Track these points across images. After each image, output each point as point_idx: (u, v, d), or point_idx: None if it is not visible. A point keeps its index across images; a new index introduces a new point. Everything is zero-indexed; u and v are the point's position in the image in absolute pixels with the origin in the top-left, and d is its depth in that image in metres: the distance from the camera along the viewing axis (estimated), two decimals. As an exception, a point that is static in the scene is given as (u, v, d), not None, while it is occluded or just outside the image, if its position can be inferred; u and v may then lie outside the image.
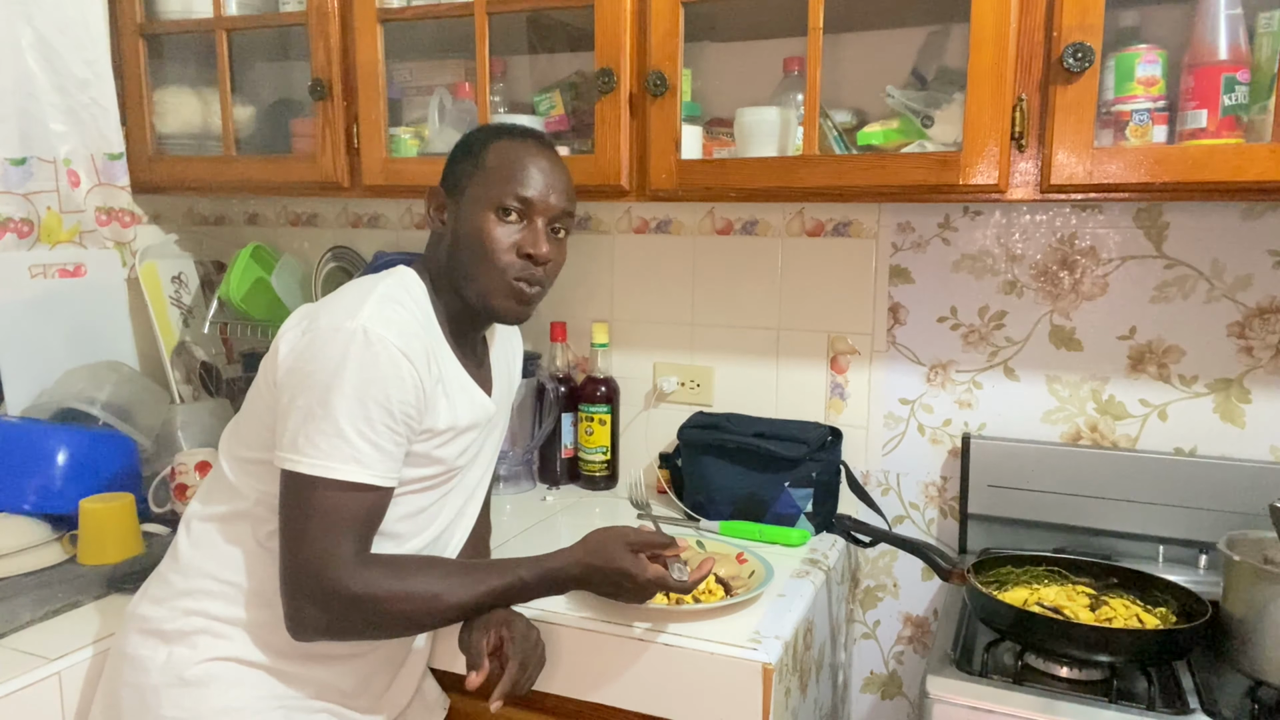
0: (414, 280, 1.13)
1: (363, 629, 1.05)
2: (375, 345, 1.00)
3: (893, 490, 1.68)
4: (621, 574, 1.08)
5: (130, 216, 1.87)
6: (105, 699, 1.12)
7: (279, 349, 1.05)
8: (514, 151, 1.13)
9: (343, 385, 0.99)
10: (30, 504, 1.44)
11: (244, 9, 1.72)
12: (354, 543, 1.01)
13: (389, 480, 1.04)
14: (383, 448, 1.01)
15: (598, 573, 1.09)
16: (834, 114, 1.48)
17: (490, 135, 1.15)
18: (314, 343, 1.01)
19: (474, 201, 1.11)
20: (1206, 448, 1.47)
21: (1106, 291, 1.50)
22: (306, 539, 1.00)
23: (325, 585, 1.00)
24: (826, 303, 1.67)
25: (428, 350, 1.06)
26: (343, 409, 0.99)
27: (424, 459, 1.09)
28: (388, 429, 1.01)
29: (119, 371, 1.75)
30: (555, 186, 1.13)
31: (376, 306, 1.03)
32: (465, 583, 1.06)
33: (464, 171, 1.13)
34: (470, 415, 1.14)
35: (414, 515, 1.13)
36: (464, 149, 1.16)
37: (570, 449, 1.82)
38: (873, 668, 1.74)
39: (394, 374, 1.01)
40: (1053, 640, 1.17)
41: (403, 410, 1.02)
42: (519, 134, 1.16)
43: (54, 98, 1.73)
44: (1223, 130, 1.17)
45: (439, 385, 1.08)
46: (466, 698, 1.33)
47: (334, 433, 0.99)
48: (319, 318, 1.03)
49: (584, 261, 1.85)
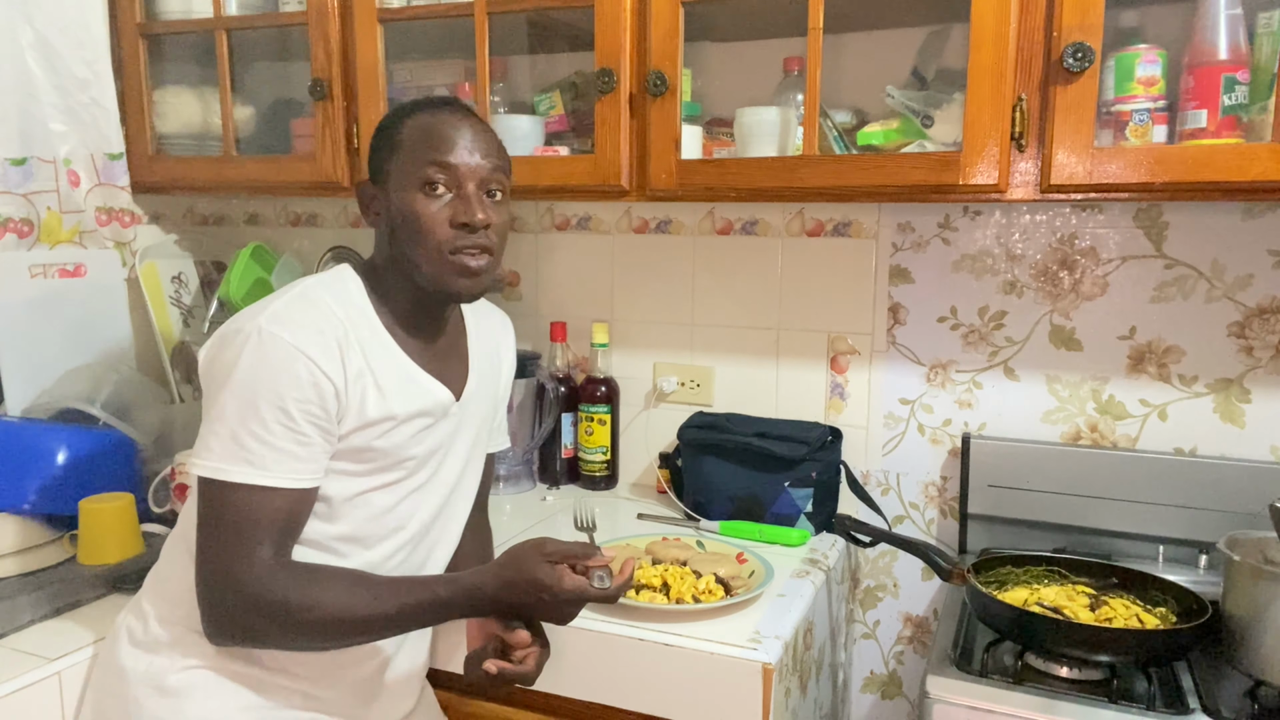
0: (349, 275, 1.11)
1: (276, 637, 1.01)
2: (268, 344, 0.98)
3: (893, 490, 1.68)
4: (537, 585, 1.00)
5: (130, 216, 1.87)
6: (91, 708, 1.12)
7: (200, 355, 1.04)
8: (428, 123, 1.07)
9: (234, 386, 0.97)
10: (30, 504, 1.44)
11: (244, 9, 1.72)
12: (266, 547, 0.98)
13: (292, 481, 1.00)
14: (280, 448, 0.98)
15: (513, 587, 1.01)
16: (834, 114, 1.48)
17: (402, 114, 1.09)
18: (218, 346, 1.01)
19: (398, 183, 1.06)
20: (1206, 448, 1.47)
21: (1106, 291, 1.50)
22: (213, 543, 0.99)
23: (232, 589, 0.98)
24: (826, 303, 1.67)
25: (343, 344, 1.02)
26: (233, 410, 0.97)
27: (366, 451, 1.06)
28: (284, 428, 0.98)
29: (119, 371, 1.75)
30: (478, 146, 1.06)
31: (281, 305, 1.02)
32: (379, 596, 1.01)
33: (384, 157, 1.09)
34: (413, 404, 1.08)
35: (379, 517, 1.09)
36: (380, 134, 1.10)
37: (570, 449, 1.82)
38: (873, 668, 1.74)
39: (286, 372, 0.98)
40: (1053, 640, 1.17)
41: (301, 408, 0.98)
42: (431, 105, 1.09)
43: (54, 98, 1.73)
44: (1223, 130, 1.17)
45: (364, 377, 1.04)
46: (466, 698, 1.33)
47: (227, 435, 0.97)
48: (231, 322, 1.03)
49: (584, 261, 1.85)
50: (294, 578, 0.99)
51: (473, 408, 1.20)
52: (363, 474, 1.07)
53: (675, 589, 1.27)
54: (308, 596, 0.98)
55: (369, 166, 1.12)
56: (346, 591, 1.00)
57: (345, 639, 1.04)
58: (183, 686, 1.05)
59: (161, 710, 1.05)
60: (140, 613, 1.10)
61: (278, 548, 1.00)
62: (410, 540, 1.14)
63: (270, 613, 0.98)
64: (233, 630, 1.01)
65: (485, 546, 1.32)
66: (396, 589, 1.03)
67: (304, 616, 0.98)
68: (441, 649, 1.29)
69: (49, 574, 1.38)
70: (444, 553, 1.21)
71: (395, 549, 1.12)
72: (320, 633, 1.01)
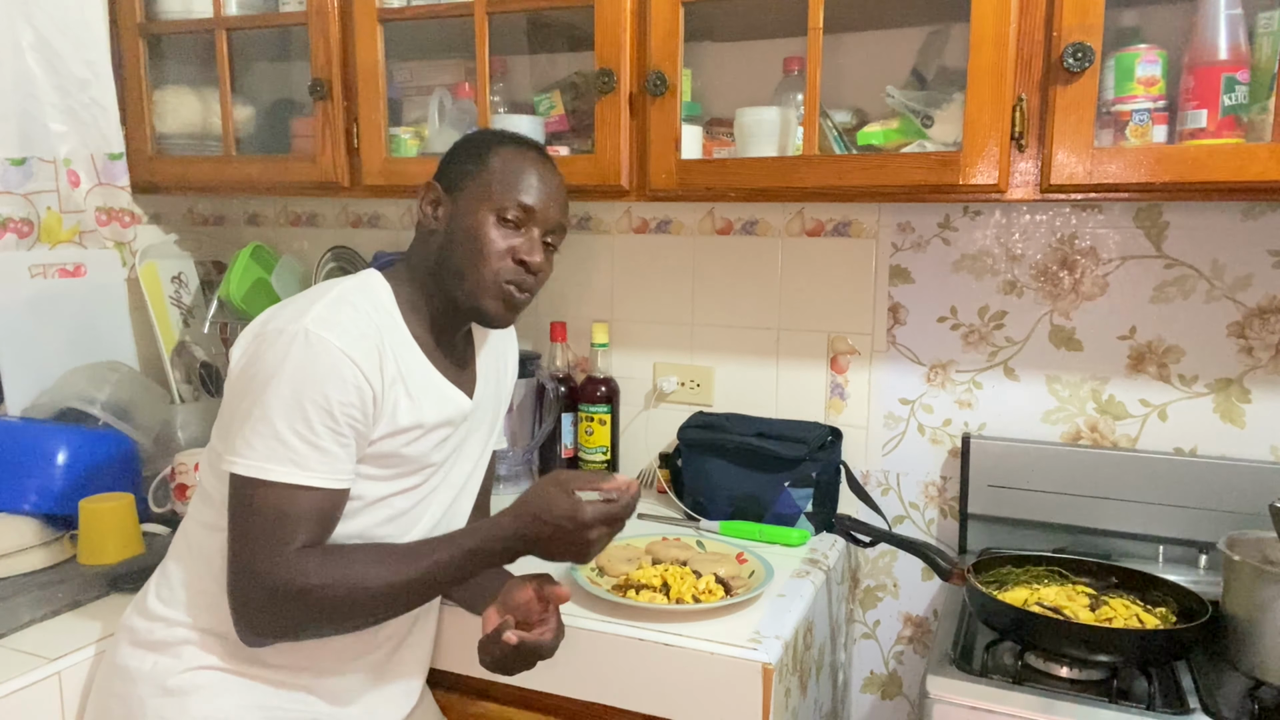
0: (379, 282, 1.13)
1: (309, 622, 1.02)
2: (315, 346, 0.99)
3: (893, 490, 1.68)
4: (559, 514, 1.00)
5: (130, 216, 1.87)
6: (95, 709, 1.12)
7: (234, 354, 1.05)
8: (519, 159, 1.13)
9: (280, 386, 0.98)
10: (30, 504, 1.44)
11: (244, 9, 1.72)
12: (298, 545, 0.99)
13: (332, 482, 1.02)
14: (323, 449, 1.00)
15: (537, 520, 1.01)
16: (834, 114, 1.48)
17: (495, 140, 1.16)
18: (260, 346, 1.01)
19: (474, 202, 1.11)
20: (1206, 448, 1.47)
21: (1106, 291, 1.50)
22: (248, 542, 0.99)
23: (268, 585, 0.98)
24: (826, 303, 1.67)
25: (381, 350, 1.04)
26: (279, 410, 0.98)
27: (392, 458, 1.08)
28: (328, 430, 1.00)
29: (119, 371, 1.75)
30: (555, 199, 1.14)
31: (324, 309, 1.03)
32: (407, 560, 1.03)
33: (465, 171, 1.13)
34: (439, 413, 1.12)
35: (395, 518, 1.12)
36: (468, 149, 1.15)
37: (570, 449, 1.82)
38: (873, 668, 1.74)
39: (333, 374, 0.99)
40: (1053, 640, 1.17)
41: (344, 411, 1.00)
42: (524, 143, 1.16)
43: (54, 98, 1.73)
44: (1223, 130, 1.17)
45: (398, 384, 1.06)
46: (466, 698, 1.33)
47: (270, 434, 0.98)
48: (269, 322, 1.03)
49: (584, 261, 1.85)
50: (320, 559, 1.00)
51: (482, 411, 1.23)
52: (386, 479, 1.09)
53: (675, 589, 1.27)
54: (337, 572, 1.00)
55: (443, 171, 1.16)
56: (375, 562, 1.02)
57: (377, 611, 1.05)
58: (188, 686, 1.05)
59: (165, 710, 1.05)
60: (144, 612, 1.11)
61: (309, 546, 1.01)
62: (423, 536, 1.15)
63: (302, 598, 0.99)
64: (269, 625, 1.02)
65: None
66: (423, 550, 1.04)
67: (330, 594, 0.99)
68: (442, 649, 1.29)
69: (49, 574, 1.38)
70: None
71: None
72: (351, 608, 1.02)
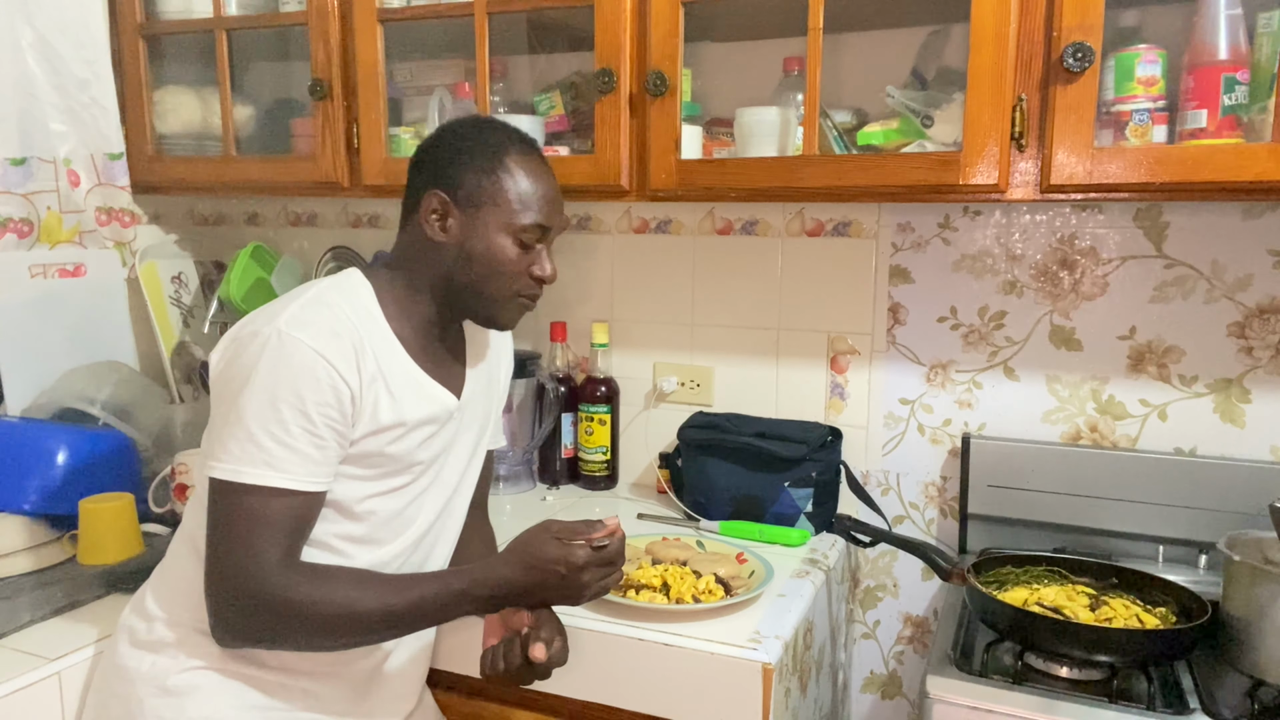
0: (358, 280, 1.11)
1: (286, 636, 1.02)
2: (288, 346, 0.98)
3: (893, 490, 1.68)
4: (553, 561, 1.02)
5: (130, 216, 1.87)
6: (94, 709, 1.12)
7: (213, 359, 1.05)
8: (530, 175, 1.10)
9: (254, 389, 0.98)
10: (30, 504, 1.44)
11: (244, 9, 1.72)
12: (277, 548, 0.99)
13: (309, 484, 1.00)
14: (299, 450, 0.99)
15: (531, 569, 1.03)
16: (834, 114, 1.48)
17: (500, 148, 1.10)
18: (235, 350, 1.01)
19: (491, 223, 1.08)
20: (1206, 448, 1.47)
21: (1106, 291, 1.50)
22: (226, 544, 0.99)
23: (245, 590, 0.98)
24: (826, 303, 1.67)
25: (358, 348, 1.03)
26: (253, 412, 0.98)
27: (377, 457, 1.07)
28: (304, 431, 0.99)
29: (119, 371, 1.75)
30: (560, 208, 1.15)
31: (299, 309, 1.02)
32: (391, 591, 1.02)
33: (479, 186, 1.08)
34: (422, 410, 1.10)
35: (388, 520, 1.11)
36: (468, 151, 1.10)
37: (570, 449, 1.82)
38: (873, 668, 1.74)
39: (307, 374, 0.98)
40: (1053, 640, 1.17)
41: (320, 411, 0.99)
42: (528, 147, 1.13)
43: (54, 98, 1.73)
44: (1223, 130, 1.17)
45: (377, 382, 1.05)
46: (466, 698, 1.33)
47: (245, 437, 0.98)
48: (245, 325, 1.03)
49: (584, 261, 1.85)
50: (303, 576, 1.00)
51: (472, 409, 1.21)
52: (372, 478, 1.08)
53: (675, 589, 1.27)
54: (317, 593, 0.99)
55: (444, 173, 1.10)
56: (356, 587, 1.01)
57: (356, 636, 1.04)
58: (185, 686, 1.05)
59: (164, 710, 1.05)
60: (143, 612, 1.10)
61: (287, 550, 1.00)
62: (415, 540, 1.15)
63: (280, 611, 0.98)
64: (243, 631, 1.01)
65: (489, 547, 1.32)
66: (409, 583, 1.04)
67: (314, 612, 0.99)
68: (442, 649, 1.29)
69: (49, 574, 1.38)
70: (444, 550, 1.23)
71: (401, 549, 1.13)
72: (331, 630, 1.01)
